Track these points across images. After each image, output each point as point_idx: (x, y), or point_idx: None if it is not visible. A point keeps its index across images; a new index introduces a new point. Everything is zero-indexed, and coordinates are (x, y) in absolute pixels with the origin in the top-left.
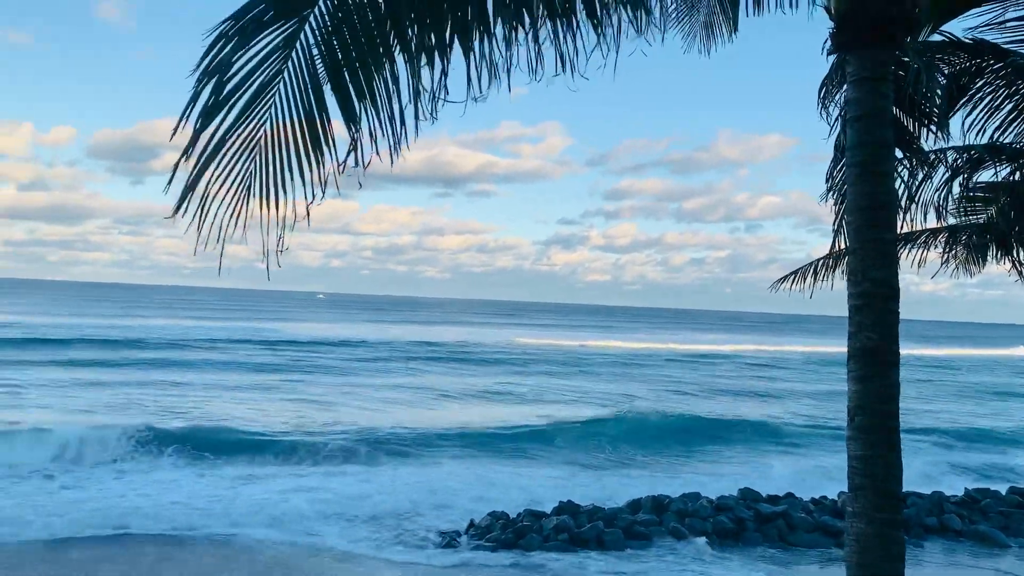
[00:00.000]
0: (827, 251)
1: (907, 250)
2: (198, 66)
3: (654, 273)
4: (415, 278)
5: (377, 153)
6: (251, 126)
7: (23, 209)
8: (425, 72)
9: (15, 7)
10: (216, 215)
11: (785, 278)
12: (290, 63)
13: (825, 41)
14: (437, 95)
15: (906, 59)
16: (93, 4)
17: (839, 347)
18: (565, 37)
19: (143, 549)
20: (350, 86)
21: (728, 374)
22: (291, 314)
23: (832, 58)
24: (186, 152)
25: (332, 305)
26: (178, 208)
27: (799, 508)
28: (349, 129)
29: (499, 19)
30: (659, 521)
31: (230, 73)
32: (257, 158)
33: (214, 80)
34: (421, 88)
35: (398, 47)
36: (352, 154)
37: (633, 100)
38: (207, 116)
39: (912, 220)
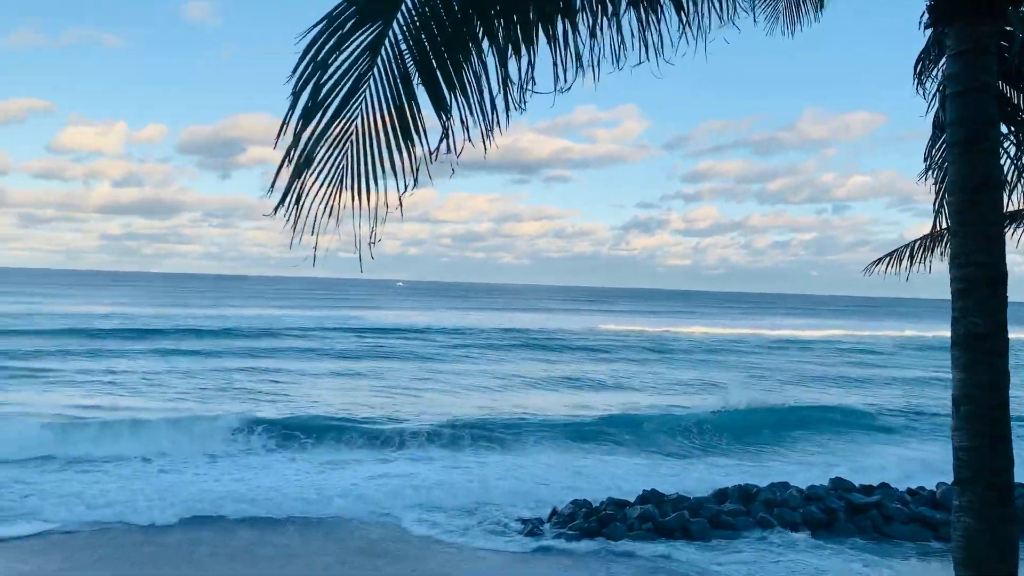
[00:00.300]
0: (923, 232)
1: (1012, 230)
2: (294, 71)
3: (737, 257)
4: (493, 265)
5: (469, 139)
6: (345, 122)
7: (118, 205)
8: (512, 64)
9: (109, 11)
10: (311, 209)
11: (879, 261)
12: (380, 59)
13: (922, 15)
14: (525, 86)
15: (1009, 29)
16: (181, 5)
17: (935, 331)
18: (648, 24)
19: (237, 532)
20: (440, 77)
21: (817, 360)
22: (373, 302)
23: (928, 32)
24: (288, 155)
25: (412, 293)
26: (280, 205)
27: (894, 499)
28: (440, 117)
29: (583, 8)
30: (746, 511)
31: (326, 76)
32: (349, 152)
33: (312, 83)
34: (509, 79)
35: (485, 38)
36: (444, 141)
37: (712, 81)
38: (306, 119)
39: (1020, 198)
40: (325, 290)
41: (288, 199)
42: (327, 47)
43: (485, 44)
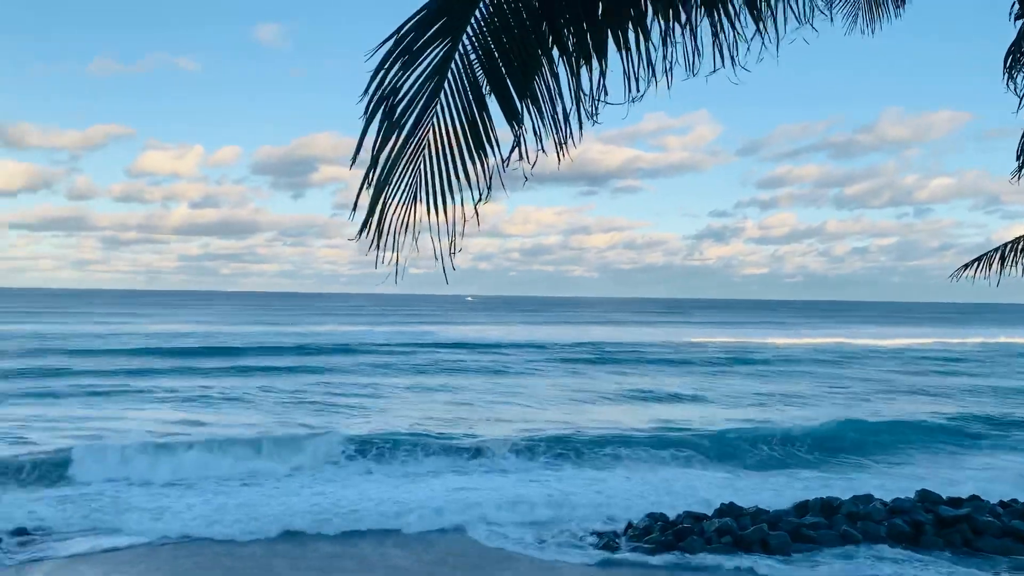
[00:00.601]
0: (1014, 234)
1: None
2: (366, 91)
3: (815, 264)
4: (562, 278)
5: (542, 149)
6: (418, 138)
7: (196, 225)
8: (583, 74)
9: (185, 37)
10: (390, 228)
11: (967, 266)
12: (451, 72)
13: (1012, 5)
14: (596, 96)
15: None
16: (252, 29)
17: None
18: (722, 28)
19: (316, 545)
20: (511, 87)
21: (901, 369)
22: (445, 317)
23: (1019, 23)
24: (367, 177)
25: (483, 307)
26: (364, 228)
27: (985, 511)
28: (511, 126)
29: (656, 15)
30: (828, 524)
31: (399, 96)
32: (422, 167)
33: (385, 104)
34: (581, 91)
35: (555, 47)
36: (516, 149)
37: (787, 83)
38: (383, 141)
39: None
40: (396, 306)
41: (370, 221)
42: (398, 65)
43: (555, 53)
